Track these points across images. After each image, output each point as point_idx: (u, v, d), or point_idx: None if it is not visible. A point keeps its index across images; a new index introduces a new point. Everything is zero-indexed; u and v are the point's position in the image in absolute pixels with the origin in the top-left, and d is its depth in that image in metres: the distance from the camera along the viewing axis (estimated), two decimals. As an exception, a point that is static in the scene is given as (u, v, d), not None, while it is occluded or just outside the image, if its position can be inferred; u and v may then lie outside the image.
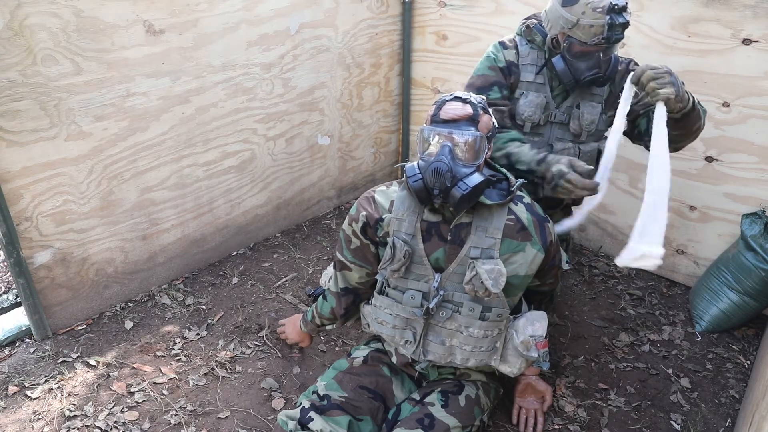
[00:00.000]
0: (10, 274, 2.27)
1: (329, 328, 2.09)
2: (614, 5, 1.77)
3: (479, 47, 2.99)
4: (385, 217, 1.67)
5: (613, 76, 1.95)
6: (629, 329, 2.45)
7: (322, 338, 2.35)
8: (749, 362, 2.29)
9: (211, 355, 2.25)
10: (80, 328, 2.38)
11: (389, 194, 1.70)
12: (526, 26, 2.04)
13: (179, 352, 2.26)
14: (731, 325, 2.41)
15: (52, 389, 2.06)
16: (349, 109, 3.19)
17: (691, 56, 2.38)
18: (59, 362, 2.19)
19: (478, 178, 1.50)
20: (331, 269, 1.95)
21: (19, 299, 2.28)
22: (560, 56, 1.93)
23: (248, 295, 2.62)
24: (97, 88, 2.15)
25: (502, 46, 2.06)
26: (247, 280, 2.72)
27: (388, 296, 1.71)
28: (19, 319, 2.32)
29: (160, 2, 2.22)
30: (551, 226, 1.70)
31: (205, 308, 2.52)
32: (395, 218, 1.65)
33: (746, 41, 2.24)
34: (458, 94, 1.61)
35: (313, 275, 2.76)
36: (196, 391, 2.09)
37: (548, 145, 2.06)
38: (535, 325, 1.68)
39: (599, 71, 1.90)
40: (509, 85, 2.03)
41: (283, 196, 3.05)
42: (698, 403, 2.10)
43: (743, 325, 2.45)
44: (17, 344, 2.28)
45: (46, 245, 2.20)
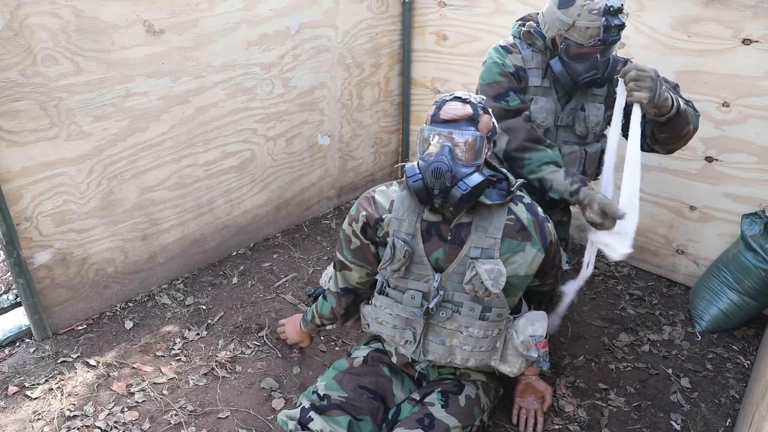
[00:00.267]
0: (10, 274, 2.27)
1: (329, 328, 2.08)
2: (610, 7, 1.76)
3: (479, 47, 2.99)
4: (385, 217, 1.67)
5: (611, 76, 1.94)
6: (629, 329, 2.45)
7: (322, 338, 2.35)
8: (749, 362, 2.29)
9: (211, 355, 2.25)
10: (80, 328, 2.38)
11: (389, 194, 1.70)
12: (526, 31, 2.00)
13: (179, 352, 2.26)
14: (731, 325, 2.41)
15: (52, 389, 2.06)
16: (349, 109, 3.19)
17: (691, 56, 2.38)
18: (59, 362, 2.19)
19: (478, 178, 1.50)
20: (331, 269, 1.94)
21: (19, 299, 2.28)
22: (558, 58, 1.92)
23: (248, 295, 2.62)
24: (97, 88, 2.15)
25: (505, 51, 2.01)
26: (247, 280, 2.72)
27: (388, 296, 1.71)
28: (19, 319, 2.32)
29: (160, 2, 2.22)
30: (551, 226, 1.70)
31: (205, 308, 2.52)
32: (395, 218, 1.65)
33: (746, 41, 2.24)
34: (458, 94, 1.61)
35: (313, 275, 2.76)
36: (196, 391, 2.09)
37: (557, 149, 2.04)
38: (535, 325, 1.68)
39: (597, 72, 1.90)
40: (520, 89, 2.00)
41: (283, 196, 3.05)
42: (698, 403, 2.10)
43: (743, 325, 2.45)
44: (17, 344, 2.28)
45: (46, 245, 2.20)
